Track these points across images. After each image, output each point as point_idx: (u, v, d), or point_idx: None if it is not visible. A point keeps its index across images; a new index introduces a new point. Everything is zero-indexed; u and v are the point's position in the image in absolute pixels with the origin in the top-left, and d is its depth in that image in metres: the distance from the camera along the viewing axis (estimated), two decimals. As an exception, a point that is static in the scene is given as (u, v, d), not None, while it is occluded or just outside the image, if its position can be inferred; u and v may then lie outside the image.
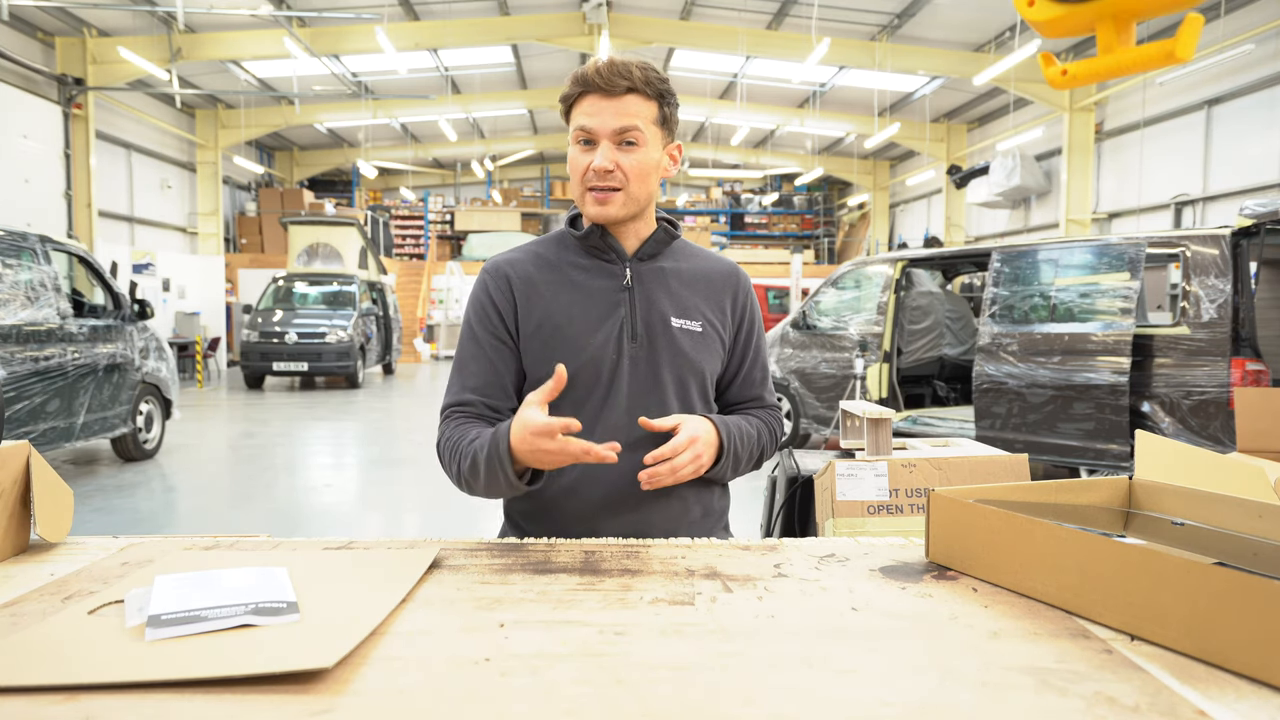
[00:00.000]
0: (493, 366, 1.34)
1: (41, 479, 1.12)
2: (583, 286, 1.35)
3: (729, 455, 1.31)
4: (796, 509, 1.93)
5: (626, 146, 1.29)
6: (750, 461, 1.40)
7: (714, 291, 1.42)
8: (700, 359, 1.37)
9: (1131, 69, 2.17)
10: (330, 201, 21.61)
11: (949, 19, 13.42)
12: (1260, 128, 11.13)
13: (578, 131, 1.30)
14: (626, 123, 1.28)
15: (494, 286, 1.37)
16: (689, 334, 1.36)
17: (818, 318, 7.09)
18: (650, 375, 1.33)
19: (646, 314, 1.35)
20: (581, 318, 1.33)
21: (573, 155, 1.32)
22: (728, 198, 26.96)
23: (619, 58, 1.31)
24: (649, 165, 1.32)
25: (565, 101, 1.33)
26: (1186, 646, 0.75)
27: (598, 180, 1.29)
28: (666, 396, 1.34)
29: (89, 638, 0.78)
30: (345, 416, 9.83)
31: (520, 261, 1.39)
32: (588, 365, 1.31)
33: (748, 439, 1.37)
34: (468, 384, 1.34)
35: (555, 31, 14.39)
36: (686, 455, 1.22)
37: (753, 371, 1.47)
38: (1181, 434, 4.67)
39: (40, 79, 12.29)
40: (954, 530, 1.02)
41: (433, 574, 1.01)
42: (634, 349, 1.33)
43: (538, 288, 1.36)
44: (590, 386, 1.32)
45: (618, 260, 1.37)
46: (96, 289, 6.56)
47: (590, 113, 1.28)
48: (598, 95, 1.28)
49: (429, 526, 5.02)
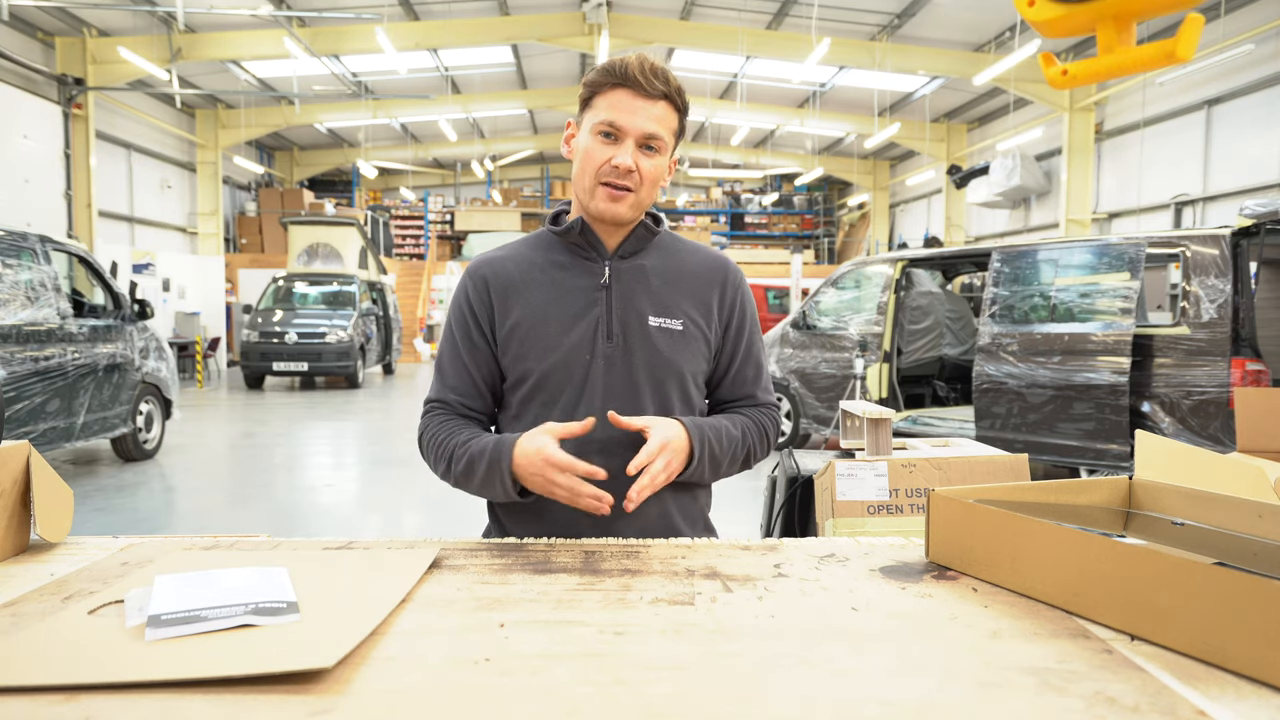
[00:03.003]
0: (467, 370, 1.36)
1: (41, 479, 1.12)
2: (560, 285, 1.34)
3: (702, 458, 1.28)
4: (796, 509, 1.93)
5: (648, 151, 1.29)
6: (735, 462, 1.36)
7: (699, 288, 1.38)
8: (678, 359, 1.34)
9: (1132, 69, 2.17)
10: (330, 201, 21.61)
11: (949, 19, 13.42)
12: (1260, 128, 11.13)
13: (603, 124, 1.27)
14: (657, 129, 1.28)
15: (472, 289, 1.37)
16: (667, 333, 1.33)
17: (818, 318, 7.09)
18: (625, 375, 1.31)
19: (623, 313, 1.33)
20: (557, 316, 1.32)
21: (589, 145, 1.29)
22: (728, 198, 26.95)
23: (650, 58, 1.29)
24: (661, 173, 1.32)
25: (592, 88, 1.30)
26: (1186, 646, 0.75)
27: (616, 178, 1.28)
28: (642, 397, 1.32)
29: (89, 638, 0.78)
30: (345, 416, 9.83)
31: (500, 261, 1.39)
32: (560, 364, 1.31)
33: (727, 440, 1.32)
34: (446, 383, 1.38)
35: (555, 31, 14.39)
36: (659, 463, 1.20)
37: (744, 369, 1.43)
38: (1181, 434, 4.67)
39: (40, 79, 12.29)
40: (954, 530, 1.02)
41: (433, 574, 1.01)
42: (609, 348, 1.31)
43: (515, 287, 1.35)
44: (562, 386, 1.31)
45: (598, 258, 1.35)
46: (96, 289, 6.56)
47: (623, 109, 1.26)
48: (632, 92, 1.26)
49: (429, 526, 5.02)
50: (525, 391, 1.33)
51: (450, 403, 1.36)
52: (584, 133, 1.31)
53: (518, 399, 1.35)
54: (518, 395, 1.35)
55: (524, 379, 1.33)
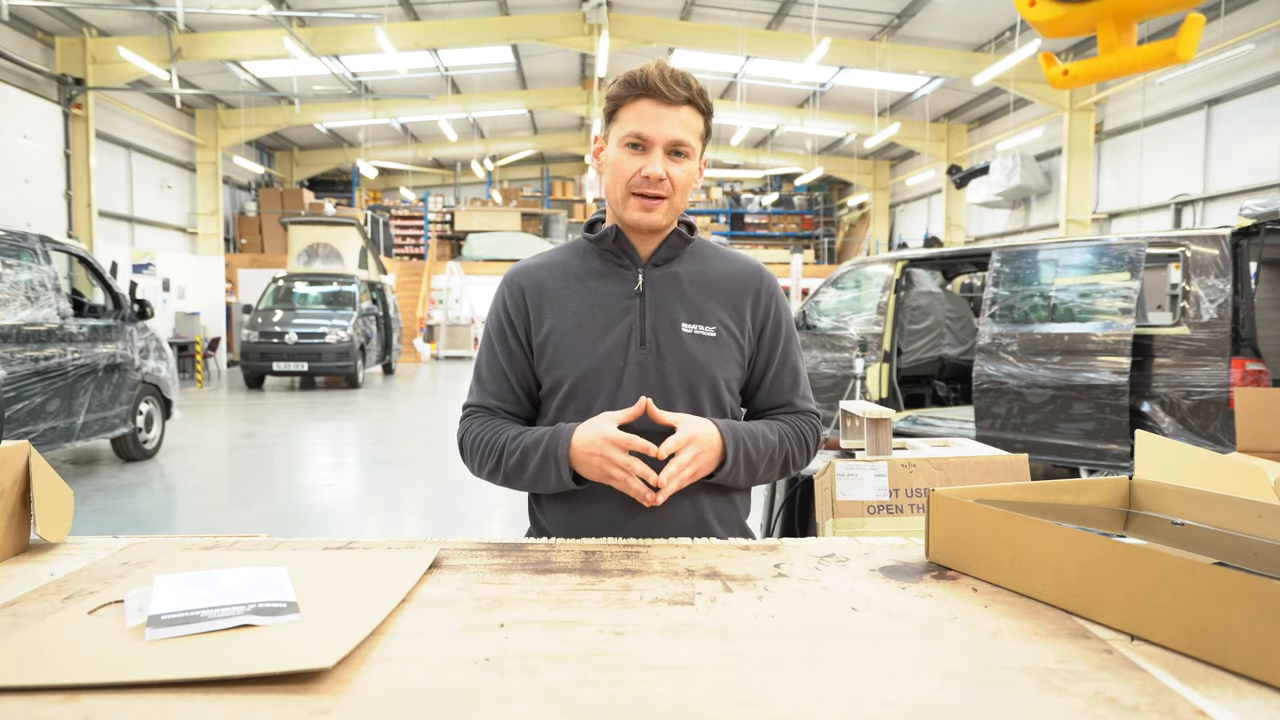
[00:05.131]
0: (505, 376, 1.39)
1: (41, 479, 1.12)
2: (595, 292, 1.36)
3: (737, 460, 1.28)
4: (796, 509, 1.93)
5: (677, 157, 1.30)
6: (772, 468, 1.36)
7: (732, 295, 1.39)
8: (711, 365, 1.34)
9: (1132, 69, 2.17)
10: (330, 201, 21.61)
11: (949, 19, 13.42)
12: (1260, 128, 11.13)
13: (630, 136, 1.29)
14: (683, 135, 1.29)
15: (509, 296, 1.40)
16: (700, 339, 1.34)
17: (818, 317, 7.10)
18: (658, 382, 1.32)
19: (656, 319, 1.34)
20: (590, 323, 1.34)
21: (618, 158, 1.31)
22: (728, 198, 26.96)
23: (670, 65, 1.30)
24: (692, 178, 1.33)
25: (615, 101, 1.31)
26: (1186, 646, 0.75)
27: (648, 188, 1.29)
28: (675, 403, 1.33)
29: (89, 638, 0.78)
30: (345, 416, 9.83)
31: (536, 269, 1.41)
32: (594, 371, 1.32)
33: (763, 444, 1.33)
34: (486, 389, 1.41)
35: (555, 31, 14.39)
36: (686, 454, 1.21)
37: (780, 376, 1.43)
38: (1181, 434, 4.67)
39: (40, 79, 12.29)
40: (954, 530, 1.02)
41: (433, 574, 1.00)
42: (642, 355, 1.33)
43: (551, 295, 1.37)
44: (596, 392, 1.32)
45: (632, 265, 1.37)
46: (96, 289, 6.56)
47: (648, 119, 1.28)
48: (655, 101, 1.28)
49: (429, 526, 5.02)
50: (561, 398, 1.35)
51: (490, 408, 1.39)
52: (612, 145, 1.33)
53: (554, 405, 1.37)
54: (553, 402, 1.37)
55: (559, 385, 1.35)
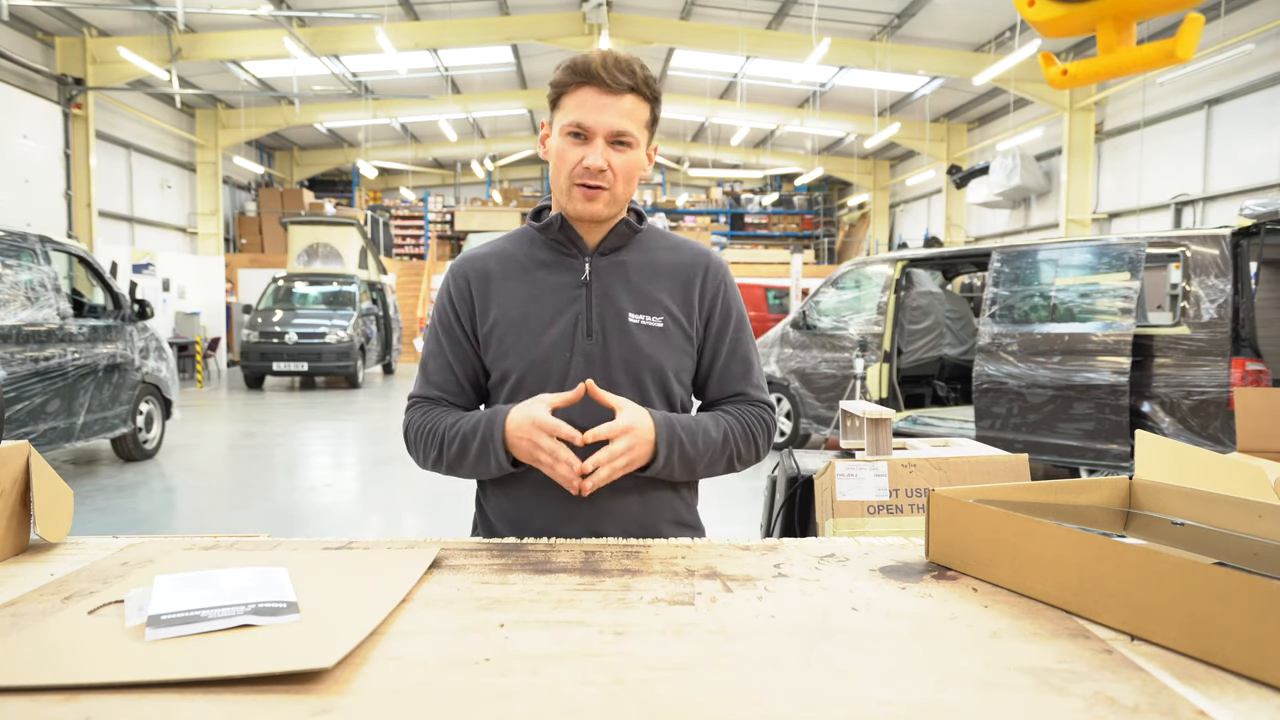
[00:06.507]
0: (450, 366, 1.37)
1: (41, 479, 1.12)
2: (541, 282, 1.34)
3: (670, 457, 1.24)
4: (796, 509, 1.93)
5: (619, 146, 1.27)
6: (714, 464, 1.31)
7: (679, 282, 1.36)
8: (659, 356, 1.32)
9: (1132, 69, 2.17)
10: (330, 201, 21.61)
11: (949, 19, 13.42)
12: (1260, 128, 11.13)
13: (571, 125, 1.26)
14: (625, 125, 1.26)
15: (454, 287, 1.38)
16: (648, 330, 1.32)
17: (818, 318, 7.10)
18: (605, 373, 1.30)
19: (602, 309, 1.32)
20: (537, 314, 1.32)
21: (560, 147, 1.28)
22: (728, 198, 26.95)
23: (615, 51, 1.27)
24: (637, 166, 1.30)
25: (557, 89, 1.28)
26: (1186, 646, 0.75)
27: (589, 178, 1.26)
28: (621, 394, 1.29)
29: (89, 638, 0.78)
30: (345, 416, 9.83)
31: (483, 258, 1.39)
32: (540, 361, 1.30)
33: (702, 441, 1.28)
34: (431, 380, 1.39)
35: (555, 31, 14.39)
36: (620, 444, 1.18)
37: (730, 365, 1.38)
38: (1181, 434, 4.67)
39: (40, 79, 12.29)
40: (954, 530, 1.02)
41: (433, 574, 1.00)
42: (589, 346, 1.30)
43: (496, 284, 1.35)
44: (543, 383, 1.30)
45: (579, 255, 1.34)
46: (96, 289, 6.56)
47: (589, 108, 1.24)
48: (597, 89, 1.24)
49: (429, 526, 5.02)
50: (508, 389, 1.34)
51: (434, 399, 1.38)
52: (555, 134, 1.30)
53: (502, 396, 1.35)
54: (501, 392, 1.35)
55: (506, 376, 1.33)
